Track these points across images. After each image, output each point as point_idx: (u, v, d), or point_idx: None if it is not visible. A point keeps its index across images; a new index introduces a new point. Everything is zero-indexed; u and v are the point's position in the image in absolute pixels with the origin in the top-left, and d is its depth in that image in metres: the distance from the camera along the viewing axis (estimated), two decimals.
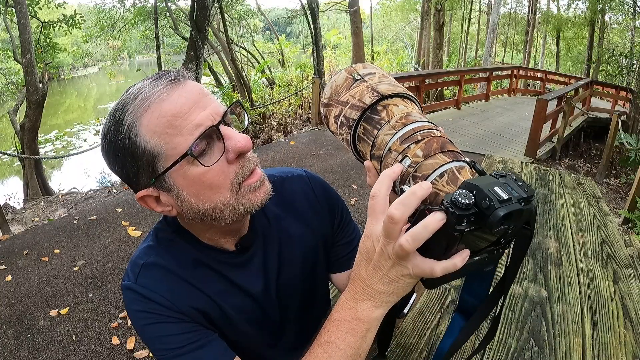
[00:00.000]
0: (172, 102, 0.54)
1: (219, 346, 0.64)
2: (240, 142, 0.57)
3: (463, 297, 0.61)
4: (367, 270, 0.50)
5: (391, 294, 0.50)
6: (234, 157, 0.58)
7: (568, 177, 2.03)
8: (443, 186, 0.47)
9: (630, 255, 1.39)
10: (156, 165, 0.56)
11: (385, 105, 0.54)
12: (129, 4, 12.73)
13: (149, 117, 0.54)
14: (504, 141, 6.29)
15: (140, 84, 0.57)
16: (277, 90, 11.49)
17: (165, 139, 0.54)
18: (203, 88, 0.60)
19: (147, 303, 0.63)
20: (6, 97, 13.53)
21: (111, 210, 3.80)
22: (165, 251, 0.67)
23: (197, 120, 0.55)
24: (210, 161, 0.56)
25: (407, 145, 0.50)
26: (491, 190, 0.42)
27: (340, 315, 0.53)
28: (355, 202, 3.92)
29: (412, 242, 0.44)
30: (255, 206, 0.61)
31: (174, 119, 0.54)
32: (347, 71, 0.60)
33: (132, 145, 0.55)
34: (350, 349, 0.53)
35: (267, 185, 0.63)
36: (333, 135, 0.62)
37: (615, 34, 19.88)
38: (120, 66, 27.62)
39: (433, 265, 0.46)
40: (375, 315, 0.52)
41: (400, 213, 0.44)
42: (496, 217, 0.40)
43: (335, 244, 0.82)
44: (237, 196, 0.59)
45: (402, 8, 22.11)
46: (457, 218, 0.41)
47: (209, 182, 0.57)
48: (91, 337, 2.23)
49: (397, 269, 0.48)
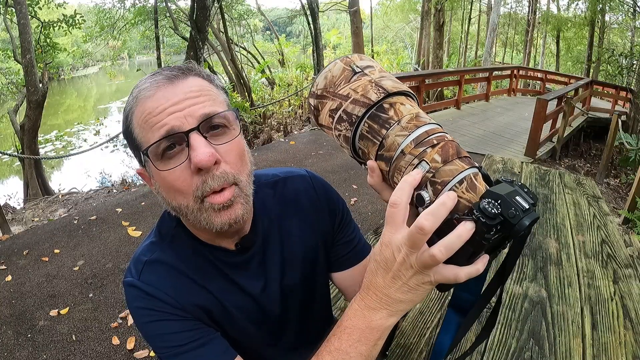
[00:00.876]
0: (154, 100, 0.57)
1: (220, 345, 0.64)
2: (198, 156, 0.55)
3: (457, 294, 0.61)
4: (385, 279, 0.50)
5: (408, 302, 0.50)
6: (195, 170, 0.56)
7: (568, 177, 2.03)
8: (463, 193, 0.47)
9: (630, 255, 1.39)
10: (141, 154, 0.60)
11: (392, 104, 0.52)
12: (129, 4, 12.74)
13: (136, 111, 0.59)
14: (504, 141, 6.29)
15: (147, 76, 0.61)
16: (277, 90, 11.49)
17: (142, 133, 0.58)
18: (202, 88, 0.59)
19: (150, 300, 0.63)
20: (6, 97, 13.54)
21: (111, 210, 3.79)
22: (168, 247, 0.68)
23: (165, 120, 0.56)
24: (168, 165, 0.57)
25: (423, 149, 0.49)
26: (514, 200, 0.44)
27: (352, 324, 0.53)
28: (355, 202, 3.92)
29: (445, 252, 0.44)
30: (216, 227, 0.59)
31: (149, 116, 0.57)
32: (344, 62, 0.56)
33: (128, 130, 0.61)
34: (361, 357, 0.52)
35: (236, 210, 0.60)
36: (321, 129, 0.59)
37: (615, 34, 19.88)
38: (120, 66, 27.64)
39: (457, 271, 0.47)
40: (389, 324, 0.52)
41: (430, 224, 0.44)
42: (522, 226, 0.43)
43: (335, 243, 0.82)
44: (199, 207, 0.59)
45: (402, 8, 22.11)
46: (486, 227, 0.43)
47: (170, 184, 0.59)
48: (91, 337, 2.23)
49: (418, 277, 0.47)
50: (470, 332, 0.88)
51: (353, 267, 0.83)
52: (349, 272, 0.83)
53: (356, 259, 0.83)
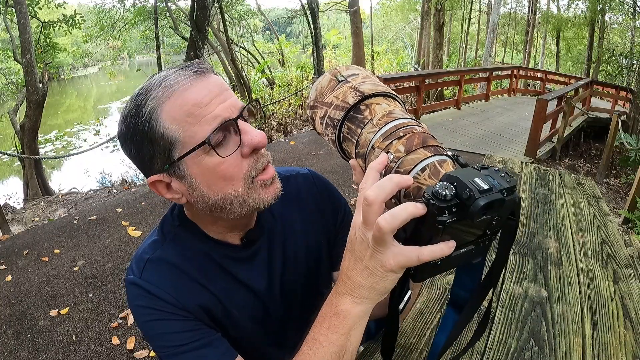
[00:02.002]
0: (195, 92, 0.56)
1: (221, 345, 0.64)
2: (256, 137, 0.58)
3: (454, 291, 0.60)
4: (349, 261, 0.50)
5: (369, 289, 0.49)
6: (249, 152, 0.59)
7: (568, 177, 2.03)
8: (425, 180, 0.47)
9: (630, 255, 1.39)
10: (172, 152, 0.57)
11: (368, 105, 0.55)
12: (129, 4, 12.75)
13: (171, 104, 0.55)
14: (504, 141, 6.29)
15: (165, 72, 0.58)
16: (277, 90, 11.50)
17: (184, 127, 0.55)
18: (224, 83, 0.61)
19: (151, 299, 0.63)
20: (6, 97, 13.54)
21: (111, 210, 3.80)
22: (170, 246, 0.68)
23: (216, 111, 0.56)
24: (226, 152, 0.57)
25: (390, 142, 0.51)
26: (471, 181, 0.42)
27: (324, 311, 0.53)
28: (355, 201, 3.93)
29: (390, 220, 0.43)
30: (265, 202, 0.62)
31: (194, 108, 0.55)
32: (331, 73, 0.61)
33: (151, 129, 0.56)
34: (333, 346, 0.52)
35: (278, 184, 0.64)
36: (320, 136, 0.63)
37: (615, 34, 19.88)
38: (120, 66, 27.66)
39: (419, 250, 0.45)
40: (356, 312, 0.50)
41: (374, 194, 0.44)
42: (477, 207, 0.40)
43: (337, 242, 0.83)
44: (249, 190, 0.60)
45: (402, 8, 22.11)
46: (438, 209, 0.41)
47: (223, 173, 0.58)
48: (91, 337, 2.23)
49: (376, 257, 0.46)
50: (469, 330, 0.88)
51: None
52: None
53: None
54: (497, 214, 0.43)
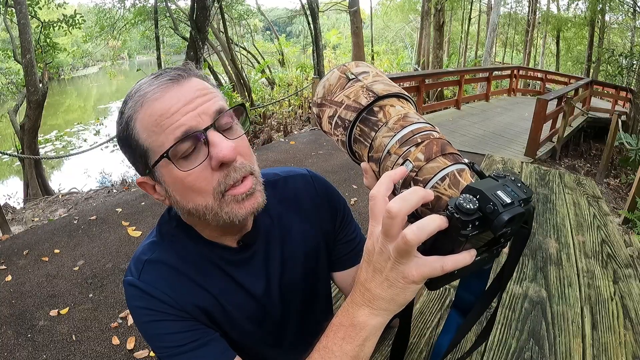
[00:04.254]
0: (164, 101, 0.56)
1: (219, 345, 0.64)
2: (222, 151, 0.55)
3: (460, 294, 0.60)
4: (367, 272, 0.48)
5: (389, 301, 0.47)
6: (217, 165, 0.56)
7: (568, 177, 2.03)
8: (445, 190, 0.46)
9: (630, 255, 1.39)
10: (147, 159, 0.59)
11: (382, 106, 0.54)
12: (129, 4, 12.74)
13: (142, 113, 0.57)
14: (504, 141, 6.29)
15: (143, 80, 0.59)
16: (277, 90, 11.49)
17: (152, 137, 0.56)
18: (206, 87, 0.59)
19: (150, 300, 0.63)
20: (6, 97, 13.53)
21: (111, 210, 3.79)
22: (168, 247, 0.67)
23: (182, 120, 0.55)
24: (190, 165, 0.56)
25: (407, 148, 0.49)
26: (494, 195, 0.42)
27: (338, 321, 0.52)
28: (355, 202, 3.92)
29: (418, 233, 0.41)
30: (238, 217, 0.60)
31: (161, 118, 0.55)
32: (340, 70, 0.59)
33: (129, 137, 0.58)
34: (346, 356, 0.51)
35: (257, 198, 0.61)
36: (326, 135, 0.61)
37: (615, 34, 19.88)
38: (120, 66, 27.62)
39: (442, 260, 0.44)
40: (373, 324, 0.49)
41: (398, 207, 0.42)
42: (501, 221, 0.40)
43: (337, 242, 0.83)
44: (220, 203, 0.59)
45: (402, 8, 22.09)
46: (462, 223, 0.41)
47: (190, 185, 0.58)
48: (91, 337, 2.23)
49: (397, 269, 0.45)
50: (472, 332, 0.88)
51: (354, 266, 0.83)
52: (350, 271, 0.83)
53: (357, 259, 0.83)
54: (515, 226, 0.44)
